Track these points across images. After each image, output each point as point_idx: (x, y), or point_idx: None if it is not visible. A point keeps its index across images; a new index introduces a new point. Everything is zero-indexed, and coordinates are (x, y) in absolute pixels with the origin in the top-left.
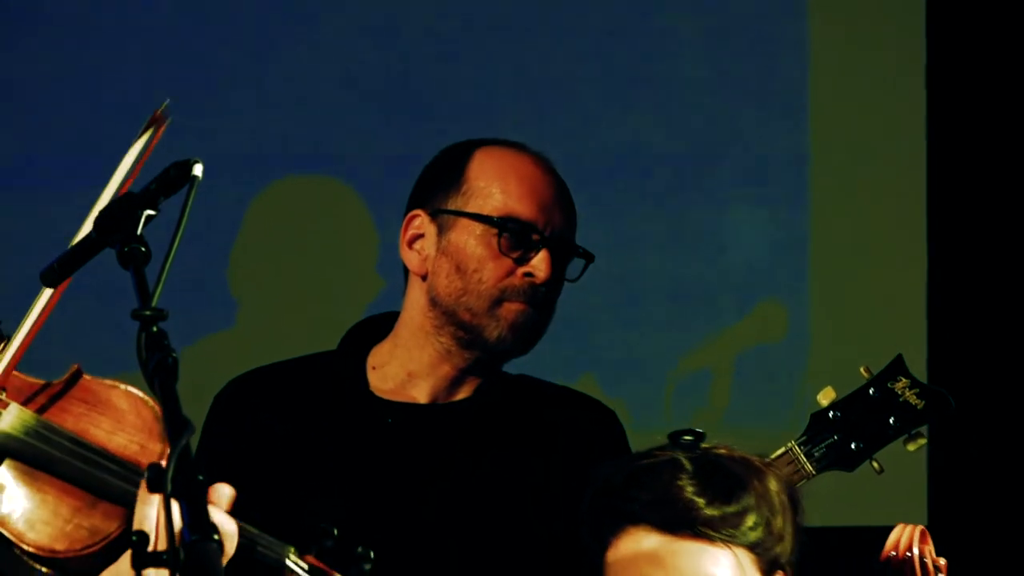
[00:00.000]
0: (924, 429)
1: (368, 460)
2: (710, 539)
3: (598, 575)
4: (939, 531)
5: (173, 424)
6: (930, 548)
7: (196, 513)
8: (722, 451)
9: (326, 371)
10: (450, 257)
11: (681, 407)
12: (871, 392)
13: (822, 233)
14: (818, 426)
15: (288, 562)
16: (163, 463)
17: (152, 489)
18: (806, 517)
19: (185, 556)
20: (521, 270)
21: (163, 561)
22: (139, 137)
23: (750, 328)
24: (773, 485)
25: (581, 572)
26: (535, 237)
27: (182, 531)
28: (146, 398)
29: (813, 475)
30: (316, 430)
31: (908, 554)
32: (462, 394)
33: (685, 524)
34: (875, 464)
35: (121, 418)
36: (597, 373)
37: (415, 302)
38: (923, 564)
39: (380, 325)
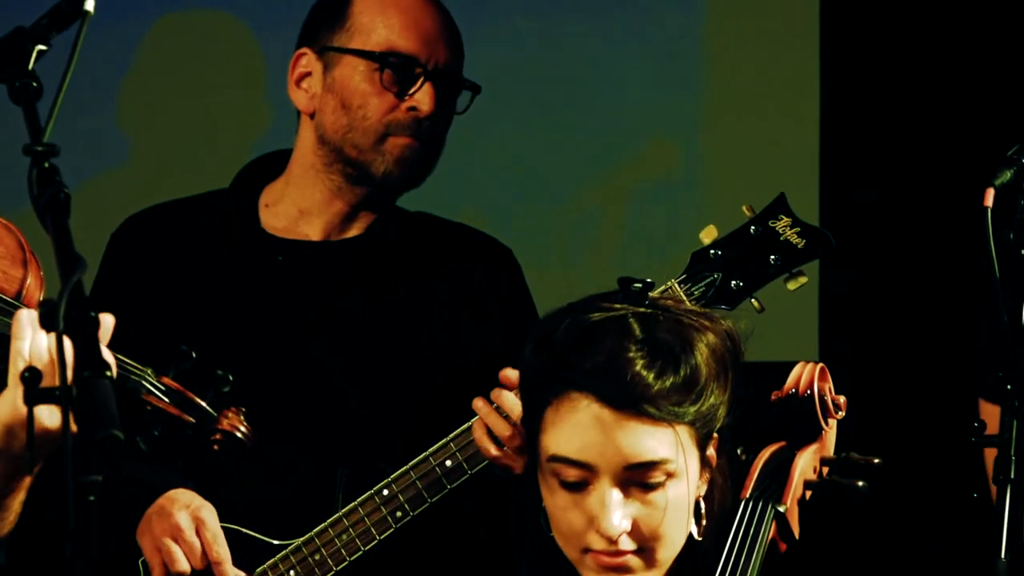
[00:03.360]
0: (806, 268)
1: (259, 298)
2: (652, 419)
3: (534, 424)
4: (830, 368)
5: (65, 260)
6: (830, 386)
7: (88, 349)
8: (669, 303)
9: (219, 209)
10: (335, 94)
11: (572, 243)
12: (752, 230)
13: (715, 72)
14: (699, 264)
15: (145, 383)
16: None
17: (44, 326)
18: None
19: (77, 392)
20: (405, 104)
21: (55, 397)
22: None
23: (640, 166)
24: (718, 344)
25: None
26: (417, 71)
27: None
28: (9, 225)
29: None
30: (209, 268)
31: (808, 392)
32: (355, 231)
33: (628, 402)
34: (755, 302)
35: None
36: (485, 208)
37: (305, 140)
38: (823, 401)
39: (273, 163)
